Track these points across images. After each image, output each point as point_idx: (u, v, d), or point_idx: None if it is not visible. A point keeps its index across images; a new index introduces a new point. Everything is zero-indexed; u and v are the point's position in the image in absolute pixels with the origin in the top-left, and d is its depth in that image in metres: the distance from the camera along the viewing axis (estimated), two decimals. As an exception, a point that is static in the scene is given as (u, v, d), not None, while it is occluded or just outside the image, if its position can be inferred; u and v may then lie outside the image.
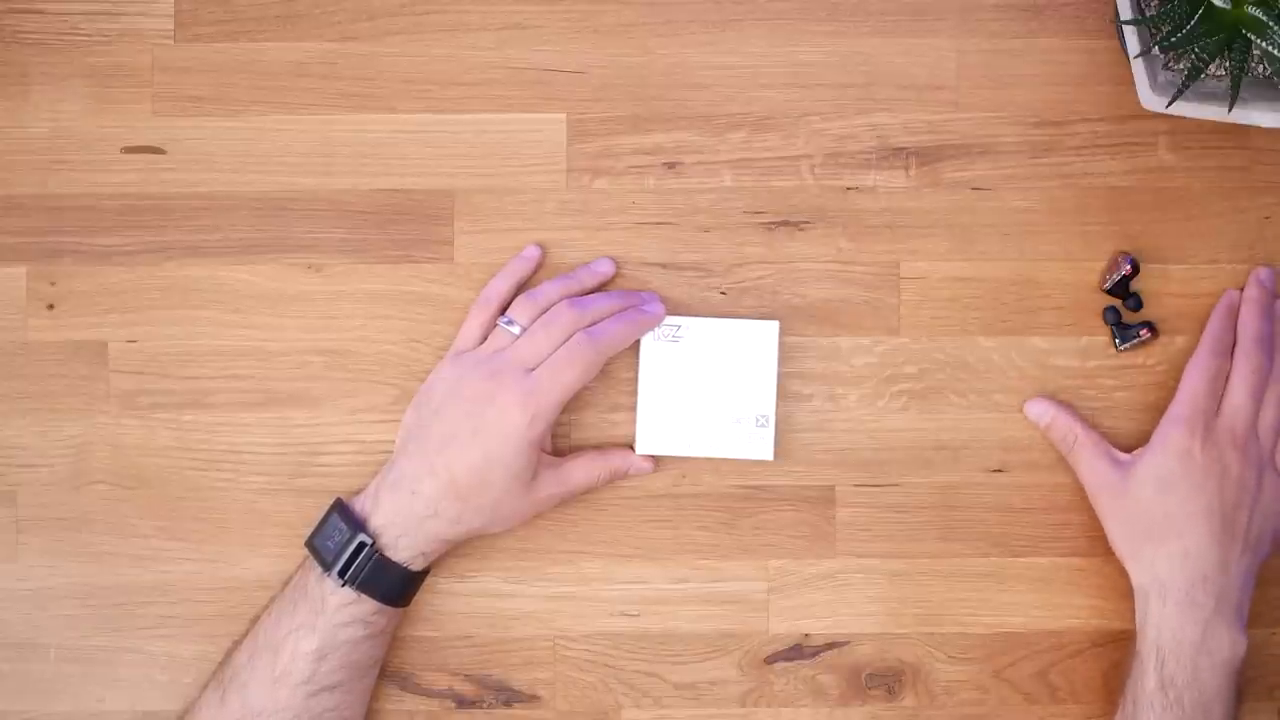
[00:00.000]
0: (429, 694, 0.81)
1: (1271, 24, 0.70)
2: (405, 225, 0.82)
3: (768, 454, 0.79)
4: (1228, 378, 0.79)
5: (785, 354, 0.81)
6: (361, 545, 0.74)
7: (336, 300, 0.82)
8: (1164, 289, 0.82)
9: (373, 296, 0.82)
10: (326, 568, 0.74)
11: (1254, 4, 0.71)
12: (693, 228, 0.82)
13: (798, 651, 0.81)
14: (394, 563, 0.75)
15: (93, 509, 0.81)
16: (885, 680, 0.81)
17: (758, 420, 0.79)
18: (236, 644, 0.77)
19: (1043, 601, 0.81)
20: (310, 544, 0.76)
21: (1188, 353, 0.81)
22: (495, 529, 0.78)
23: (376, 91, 0.82)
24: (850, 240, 0.82)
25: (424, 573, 0.77)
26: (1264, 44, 0.71)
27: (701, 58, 0.82)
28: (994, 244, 0.82)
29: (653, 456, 0.80)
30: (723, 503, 0.81)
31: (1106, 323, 0.81)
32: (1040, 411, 0.80)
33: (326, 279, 0.82)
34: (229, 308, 0.81)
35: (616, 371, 0.81)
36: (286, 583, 0.77)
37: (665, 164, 0.82)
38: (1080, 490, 0.81)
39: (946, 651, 0.81)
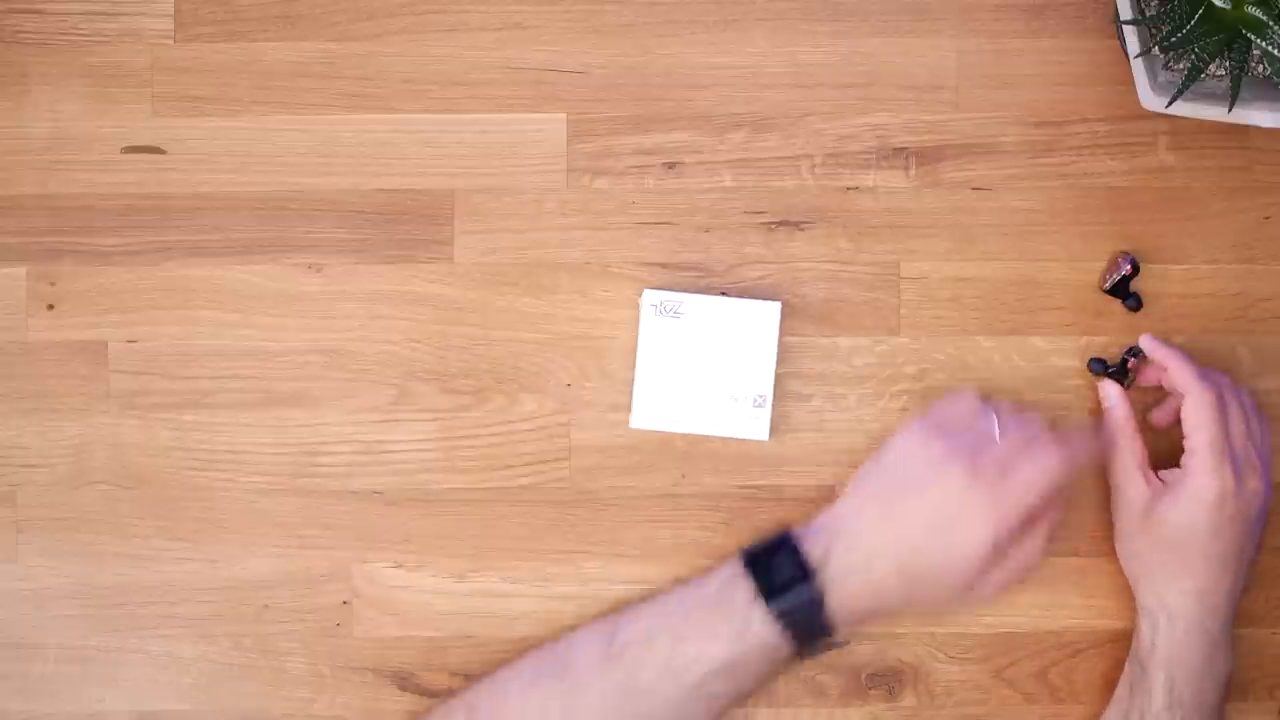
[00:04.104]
0: (429, 694, 0.81)
1: (1271, 24, 0.70)
2: (405, 225, 0.82)
3: (763, 434, 0.79)
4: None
5: (785, 354, 0.81)
6: (810, 598, 0.74)
7: (336, 300, 0.82)
8: (1164, 289, 0.82)
9: (373, 296, 0.82)
10: (767, 599, 0.74)
11: (1254, 4, 0.71)
12: (693, 228, 0.82)
13: (798, 651, 0.81)
14: (827, 624, 0.74)
15: (93, 509, 0.81)
16: (885, 680, 0.81)
17: (755, 400, 0.79)
18: (634, 608, 0.77)
19: (1043, 601, 0.81)
20: (752, 563, 0.75)
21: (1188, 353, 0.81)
22: (932, 611, 0.80)
23: (376, 91, 0.82)
24: (850, 240, 0.82)
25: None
26: (1264, 44, 0.71)
27: (701, 58, 0.82)
28: (994, 244, 0.82)
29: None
30: (723, 503, 0.81)
31: (1093, 372, 0.80)
32: (1109, 395, 0.79)
33: (326, 279, 0.82)
34: (229, 308, 0.81)
35: (616, 372, 0.81)
36: (709, 574, 0.76)
37: (665, 164, 0.82)
38: (1081, 491, 0.81)
39: (946, 651, 0.81)
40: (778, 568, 0.74)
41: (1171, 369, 0.78)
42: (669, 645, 0.74)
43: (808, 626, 0.74)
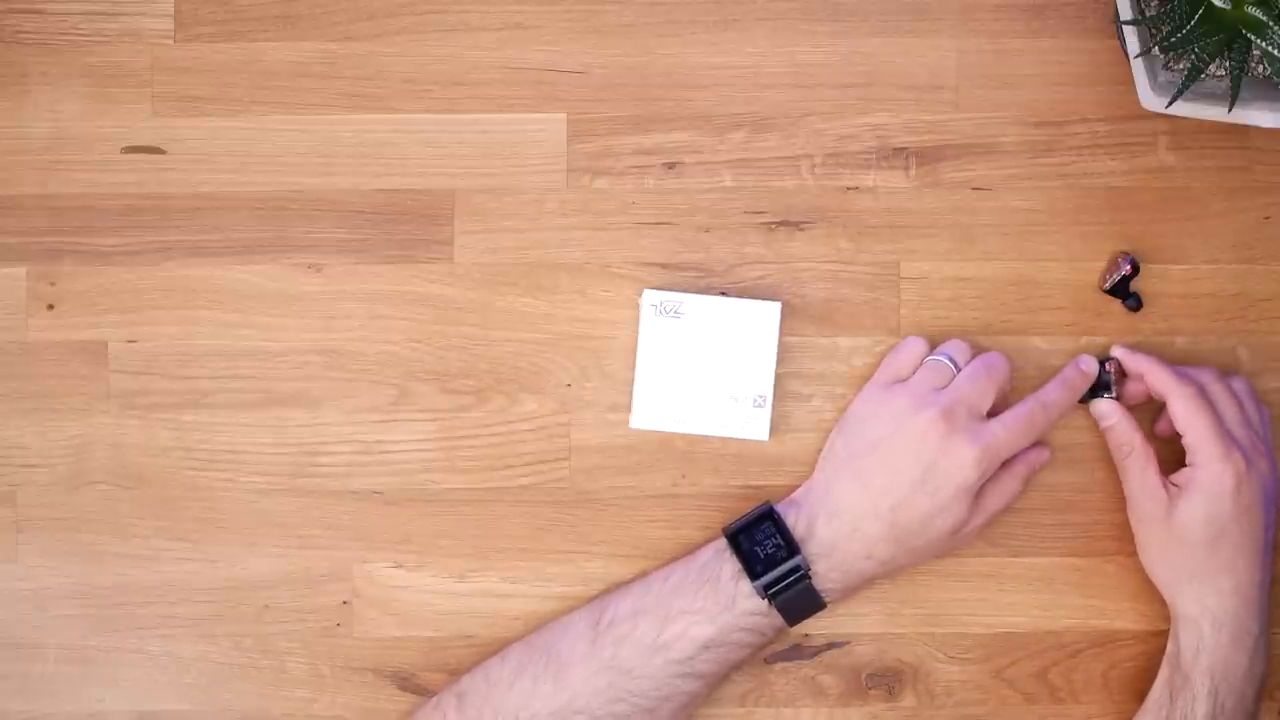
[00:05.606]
0: (429, 694, 0.81)
1: (1271, 24, 0.70)
2: (405, 225, 0.82)
3: (763, 434, 0.79)
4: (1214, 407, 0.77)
5: (785, 354, 0.81)
6: (795, 569, 0.75)
7: (336, 300, 0.82)
8: (1164, 289, 0.82)
9: (373, 296, 0.82)
10: (753, 576, 0.75)
11: (1254, 4, 0.71)
12: (693, 228, 0.82)
13: (797, 651, 0.81)
14: (817, 593, 0.75)
15: (93, 509, 0.81)
16: (885, 680, 0.81)
17: (755, 400, 0.79)
18: (622, 589, 0.78)
19: (1043, 601, 0.81)
20: (735, 541, 0.76)
21: (1188, 355, 0.81)
22: (913, 567, 0.79)
23: (376, 91, 0.82)
24: (850, 240, 0.82)
25: None
26: (1264, 44, 0.71)
27: (701, 58, 0.82)
28: (994, 244, 0.82)
29: (1046, 444, 0.80)
30: (723, 503, 0.81)
31: (1085, 402, 0.80)
32: (1106, 412, 0.79)
33: (326, 279, 0.82)
34: (229, 308, 0.82)
35: (616, 372, 0.81)
36: (693, 555, 0.77)
37: (665, 164, 0.82)
38: (1081, 490, 0.81)
39: (946, 651, 0.81)
40: (759, 540, 0.76)
41: (1148, 377, 0.78)
42: (655, 624, 0.75)
43: (797, 601, 0.75)
